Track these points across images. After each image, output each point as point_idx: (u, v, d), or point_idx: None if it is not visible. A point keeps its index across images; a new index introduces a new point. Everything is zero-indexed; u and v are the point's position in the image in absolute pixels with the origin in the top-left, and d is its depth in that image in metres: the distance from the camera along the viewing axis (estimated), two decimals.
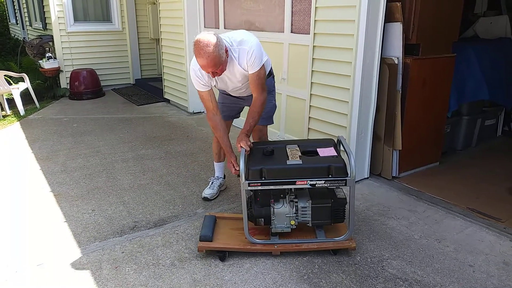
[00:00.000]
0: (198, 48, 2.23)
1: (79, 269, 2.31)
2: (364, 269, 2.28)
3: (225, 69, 2.42)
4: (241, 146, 2.42)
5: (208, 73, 2.39)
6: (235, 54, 2.43)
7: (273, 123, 2.98)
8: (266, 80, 2.69)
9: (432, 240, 2.55)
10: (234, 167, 2.55)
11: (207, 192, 3.16)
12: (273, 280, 2.19)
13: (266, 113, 2.82)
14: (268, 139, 3.11)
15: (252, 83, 2.51)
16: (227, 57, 2.37)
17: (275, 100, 2.92)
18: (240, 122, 2.97)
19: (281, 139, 4.05)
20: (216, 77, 2.49)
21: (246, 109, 2.93)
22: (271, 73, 2.81)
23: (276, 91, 3.07)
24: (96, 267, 2.33)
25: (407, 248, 2.46)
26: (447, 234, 2.61)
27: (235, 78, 2.57)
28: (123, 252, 2.47)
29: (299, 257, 2.38)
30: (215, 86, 2.67)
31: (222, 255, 2.38)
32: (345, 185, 2.22)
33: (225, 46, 2.34)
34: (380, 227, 2.71)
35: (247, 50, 2.40)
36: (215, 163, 3.20)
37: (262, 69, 2.47)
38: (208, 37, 2.24)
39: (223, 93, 2.90)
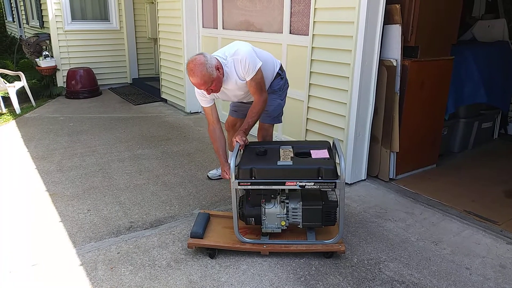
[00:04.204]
0: (188, 69, 2.41)
1: (74, 269, 2.29)
2: (361, 271, 2.27)
3: (221, 85, 2.54)
4: (236, 141, 2.49)
5: (203, 90, 2.52)
6: (230, 66, 2.54)
7: (280, 122, 3.00)
8: (273, 81, 2.84)
9: (429, 242, 2.55)
10: (227, 174, 2.65)
11: (211, 171, 3.53)
12: (269, 281, 2.18)
13: (271, 112, 2.88)
14: (273, 140, 3.11)
15: (250, 88, 2.62)
16: (221, 74, 2.49)
17: (282, 100, 2.94)
18: (254, 130, 3.05)
19: (278, 140, 4.04)
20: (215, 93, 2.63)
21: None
22: (279, 74, 2.88)
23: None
24: (92, 267, 2.31)
25: (404, 251, 2.46)
26: (444, 237, 2.61)
27: (235, 89, 2.68)
28: (118, 252, 2.45)
29: (296, 258, 2.37)
30: (218, 98, 2.81)
31: (212, 252, 2.39)
32: (335, 187, 2.22)
33: (216, 63, 2.45)
34: (377, 229, 2.71)
35: (240, 59, 2.51)
36: (228, 152, 3.35)
37: (258, 74, 2.55)
38: (196, 58, 2.41)
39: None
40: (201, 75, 2.38)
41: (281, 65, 2.94)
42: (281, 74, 2.89)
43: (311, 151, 2.41)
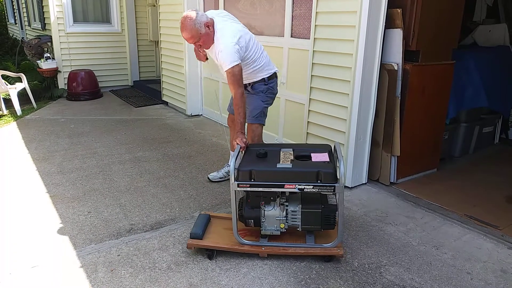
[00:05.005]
0: (180, 23, 2.57)
1: (74, 271, 2.29)
2: (362, 275, 2.26)
3: (210, 42, 2.66)
4: (237, 143, 2.51)
5: (193, 44, 2.68)
6: (215, 41, 2.66)
7: (262, 123, 3.00)
8: (255, 83, 2.92)
9: (430, 246, 2.55)
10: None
11: (212, 174, 3.51)
12: (270, 285, 2.18)
13: (250, 111, 2.93)
14: (263, 141, 3.12)
15: (227, 79, 2.68)
16: (211, 32, 2.62)
17: (263, 102, 2.97)
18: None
19: (280, 143, 4.04)
20: (206, 52, 2.79)
21: None
22: (263, 80, 2.93)
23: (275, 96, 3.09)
24: (92, 269, 2.30)
25: (405, 255, 2.46)
26: (445, 241, 2.61)
27: (215, 59, 2.77)
28: (119, 255, 2.45)
29: (297, 262, 2.37)
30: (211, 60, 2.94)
31: (211, 253, 2.40)
32: (334, 191, 2.21)
33: (207, 21, 2.59)
34: (378, 233, 2.71)
35: (218, 47, 2.63)
36: (230, 152, 3.42)
37: (234, 69, 2.60)
38: (188, 13, 2.58)
39: None
40: (190, 29, 2.55)
41: (274, 73, 2.98)
42: (266, 81, 2.93)
43: (312, 154, 2.40)
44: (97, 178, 3.57)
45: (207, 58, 2.99)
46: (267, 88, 2.96)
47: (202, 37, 2.61)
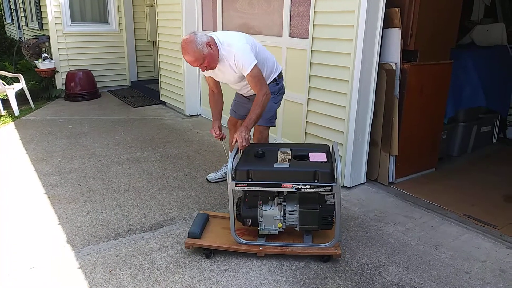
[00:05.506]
0: (181, 48, 2.53)
1: (73, 272, 2.28)
2: (360, 275, 2.27)
3: (215, 61, 2.59)
4: (236, 138, 2.47)
5: (197, 67, 2.58)
6: (225, 53, 2.59)
7: (273, 125, 2.99)
8: (268, 85, 2.82)
9: (428, 246, 2.55)
10: (215, 131, 2.89)
11: (211, 174, 3.51)
12: (269, 285, 2.18)
13: (264, 114, 2.85)
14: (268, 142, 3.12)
15: (249, 83, 2.65)
16: (214, 50, 2.54)
17: (276, 103, 2.95)
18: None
19: (278, 143, 4.04)
20: (211, 70, 2.70)
21: None
22: (275, 80, 2.90)
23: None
24: (90, 270, 2.30)
25: (403, 254, 2.46)
26: (444, 241, 2.61)
27: (228, 73, 2.72)
28: (117, 255, 2.44)
29: (296, 262, 2.37)
30: (218, 79, 2.89)
31: (208, 252, 2.40)
32: (331, 191, 2.21)
33: (208, 41, 2.51)
34: (377, 232, 2.71)
35: (234, 52, 2.57)
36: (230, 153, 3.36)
37: (254, 69, 2.56)
38: (187, 37, 2.51)
39: (237, 92, 3.10)
40: (192, 52, 2.47)
41: (280, 71, 2.96)
42: (277, 81, 2.92)
43: (309, 154, 2.41)
44: (95, 178, 3.57)
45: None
46: (279, 88, 2.93)
47: (206, 57, 2.51)
